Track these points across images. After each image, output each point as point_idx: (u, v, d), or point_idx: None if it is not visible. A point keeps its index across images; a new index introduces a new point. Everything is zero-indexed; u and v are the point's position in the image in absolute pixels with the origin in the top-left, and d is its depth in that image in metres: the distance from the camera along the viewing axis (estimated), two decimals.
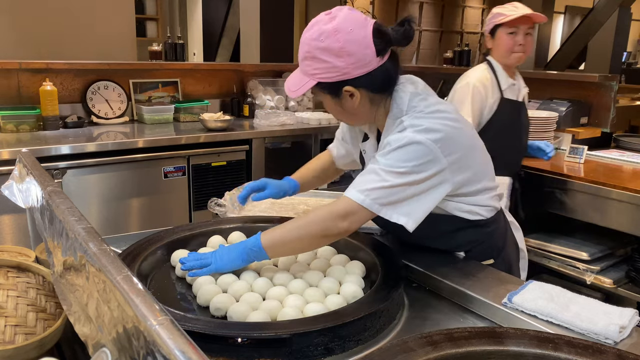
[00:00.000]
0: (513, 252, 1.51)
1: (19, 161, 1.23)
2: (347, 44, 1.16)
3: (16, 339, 0.93)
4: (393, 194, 1.17)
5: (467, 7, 8.38)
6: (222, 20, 6.79)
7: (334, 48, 1.16)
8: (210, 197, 1.75)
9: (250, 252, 1.19)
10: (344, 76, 1.19)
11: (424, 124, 1.18)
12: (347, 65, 1.17)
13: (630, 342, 0.99)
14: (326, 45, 1.16)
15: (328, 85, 1.22)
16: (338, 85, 1.21)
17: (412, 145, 1.17)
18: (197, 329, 0.93)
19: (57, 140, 2.64)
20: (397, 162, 1.17)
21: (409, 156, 1.16)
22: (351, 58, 1.16)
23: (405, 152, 1.17)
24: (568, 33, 8.52)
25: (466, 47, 4.22)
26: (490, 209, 1.38)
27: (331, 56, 1.17)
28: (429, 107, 1.23)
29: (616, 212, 2.28)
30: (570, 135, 2.95)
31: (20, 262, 1.07)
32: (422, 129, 1.18)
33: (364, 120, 1.33)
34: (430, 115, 1.21)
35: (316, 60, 1.19)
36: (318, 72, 1.20)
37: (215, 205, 1.68)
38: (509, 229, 1.51)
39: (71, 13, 3.80)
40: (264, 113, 3.34)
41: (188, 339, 0.50)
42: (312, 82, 1.22)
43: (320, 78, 1.21)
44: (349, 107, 1.25)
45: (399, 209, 1.18)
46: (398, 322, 1.11)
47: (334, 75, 1.19)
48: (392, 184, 1.16)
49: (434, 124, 1.19)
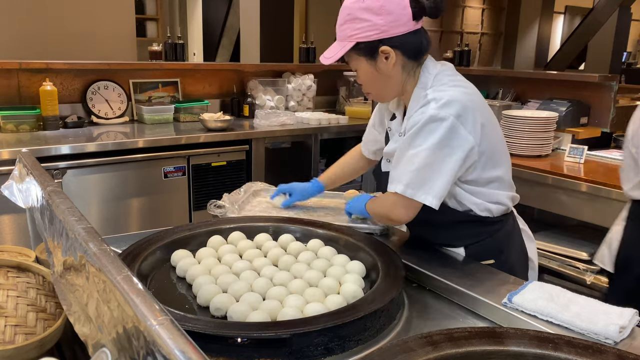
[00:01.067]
0: (519, 258, 1.49)
1: (19, 161, 1.23)
2: (387, 3, 1.25)
3: (16, 339, 0.93)
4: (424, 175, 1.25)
5: (467, 7, 8.37)
6: (222, 20, 6.80)
7: (374, 7, 1.25)
8: (210, 196, 1.75)
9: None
10: (383, 34, 1.27)
11: (444, 96, 1.25)
12: (386, 23, 1.25)
13: (630, 342, 0.99)
14: (367, 5, 1.25)
15: (366, 46, 1.29)
16: (376, 45, 1.29)
17: (435, 123, 1.24)
18: (197, 329, 0.93)
19: (57, 140, 2.64)
20: (422, 141, 1.25)
21: (430, 134, 1.24)
22: (390, 16, 1.25)
23: (428, 129, 1.24)
24: (568, 33, 8.52)
25: (466, 47, 4.21)
26: (501, 208, 1.40)
27: (371, 14, 1.25)
28: (453, 81, 1.31)
29: (616, 212, 2.27)
30: (570, 135, 2.95)
31: (20, 262, 1.07)
32: (443, 102, 1.24)
33: (394, 89, 1.38)
34: (452, 88, 1.28)
35: (356, 20, 1.27)
36: (358, 32, 1.27)
37: (215, 207, 1.68)
38: (518, 234, 1.50)
39: (71, 13, 3.80)
40: (264, 113, 3.34)
41: (188, 339, 0.50)
42: (349, 44, 1.29)
43: (359, 38, 1.28)
44: (384, 69, 1.32)
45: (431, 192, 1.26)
46: (398, 322, 1.11)
47: (373, 33, 1.27)
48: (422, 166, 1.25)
49: (454, 94, 1.26)
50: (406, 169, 1.27)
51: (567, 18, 10.35)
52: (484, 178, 1.34)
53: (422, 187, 1.26)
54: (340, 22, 1.32)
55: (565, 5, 10.15)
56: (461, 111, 1.24)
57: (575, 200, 2.42)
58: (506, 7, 8.63)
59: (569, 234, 2.66)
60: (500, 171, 1.37)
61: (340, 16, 1.31)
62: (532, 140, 2.75)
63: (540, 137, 2.76)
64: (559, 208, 2.49)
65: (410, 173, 1.26)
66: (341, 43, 1.32)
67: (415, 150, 1.26)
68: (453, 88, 1.28)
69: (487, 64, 8.65)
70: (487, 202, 1.36)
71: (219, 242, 1.38)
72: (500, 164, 1.37)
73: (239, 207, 1.73)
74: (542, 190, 2.53)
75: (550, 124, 2.79)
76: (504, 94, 3.55)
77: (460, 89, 1.29)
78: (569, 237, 2.62)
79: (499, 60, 8.75)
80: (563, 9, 10.14)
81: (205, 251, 1.33)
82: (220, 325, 0.99)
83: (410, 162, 1.26)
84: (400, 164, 1.30)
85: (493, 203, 1.37)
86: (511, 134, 2.78)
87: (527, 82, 3.48)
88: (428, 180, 1.25)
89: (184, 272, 1.24)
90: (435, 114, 1.24)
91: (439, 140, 1.24)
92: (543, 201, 2.55)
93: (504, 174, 1.39)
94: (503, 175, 1.38)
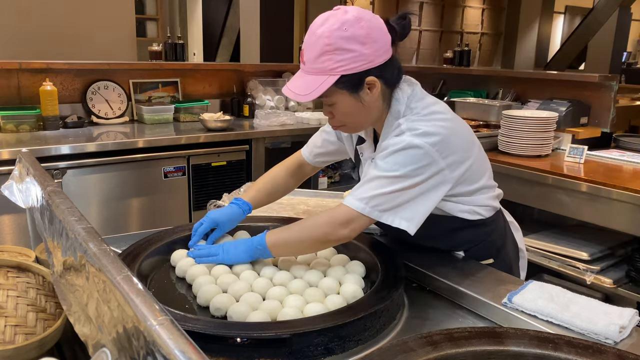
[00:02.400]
0: (512, 251, 1.51)
1: (19, 161, 1.23)
2: (371, 30, 1.16)
3: (16, 339, 0.93)
4: (393, 199, 1.17)
5: (467, 7, 8.37)
6: (222, 20, 6.80)
7: (359, 35, 1.14)
8: (210, 196, 1.75)
9: (256, 250, 1.22)
10: (369, 64, 1.17)
11: (421, 127, 1.19)
12: (372, 52, 1.16)
13: (630, 342, 0.99)
14: (350, 34, 1.14)
15: (349, 79, 1.17)
16: (361, 76, 1.18)
17: (411, 150, 1.17)
18: (197, 329, 0.93)
19: (57, 140, 2.64)
20: (395, 166, 1.17)
21: (407, 160, 1.17)
22: (376, 44, 1.16)
23: (403, 155, 1.17)
24: (568, 33, 8.53)
25: (466, 47, 4.22)
26: (490, 209, 1.38)
27: (357, 44, 1.14)
28: (425, 108, 1.24)
29: (616, 212, 2.28)
30: (570, 135, 2.94)
31: (20, 262, 1.07)
32: (420, 132, 1.18)
33: (370, 120, 1.29)
34: (426, 118, 1.22)
35: (339, 51, 1.14)
36: (342, 64, 1.15)
37: (215, 207, 1.68)
38: (508, 228, 1.51)
39: (71, 13, 3.81)
40: (264, 113, 3.34)
41: (188, 339, 0.50)
42: (332, 78, 1.16)
43: (345, 70, 1.16)
44: (368, 101, 1.22)
45: (400, 214, 1.19)
46: (398, 322, 1.11)
47: (360, 64, 1.16)
48: (391, 190, 1.17)
49: (430, 126, 1.19)
50: (371, 189, 1.17)
51: (567, 18, 10.35)
52: (469, 190, 1.31)
53: (389, 210, 1.18)
54: (315, 54, 1.16)
55: (565, 5, 10.15)
56: (438, 141, 1.18)
57: (575, 200, 2.42)
58: (506, 7, 8.64)
59: (569, 234, 2.65)
60: (484, 180, 1.34)
61: (314, 47, 1.16)
62: (532, 140, 2.75)
63: (540, 137, 2.76)
64: (559, 208, 2.49)
65: (377, 194, 1.17)
66: (319, 77, 1.17)
67: (385, 173, 1.17)
68: (427, 122, 1.20)
69: (487, 64, 8.65)
70: (475, 206, 1.35)
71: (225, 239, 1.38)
72: (482, 174, 1.34)
73: None
74: (542, 190, 2.53)
75: (550, 124, 2.79)
76: (504, 94, 3.55)
77: (434, 121, 1.20)
78: (569, 237, 2.62)
79: (499, 60, 8.76)
80: (563, 9, 10.14)
81: None
82: (220, 325, 0.99)
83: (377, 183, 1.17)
84: (364, 182, 1.20)
85: (481, 206, 1.36)
86: (511, 134, 2.78)
87: (527, 82, 3.48)
88: (397, 204, 1.18)
89: (183, 272, 1.24)
90: (411, 141, 1.17)
91: (412, 169, 1.16)
92: (543, 201, 2.55)
93: (486, 180, 1.36)
94: (486, 182, 1.36)
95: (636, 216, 2.20)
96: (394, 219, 1.18)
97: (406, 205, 1.19)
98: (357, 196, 1.19)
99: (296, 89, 1.20)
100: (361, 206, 1.17)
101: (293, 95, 1.20)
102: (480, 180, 1.33)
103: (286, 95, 1.23)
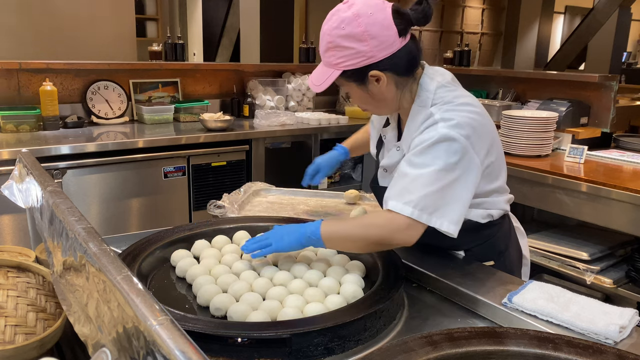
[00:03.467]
0: (515, 256, 1.50)
1: (19, 161, 1.23)
2: (369, 27, 1.16)
3: (16, 339, 0.93)
4: (439, 198, 1.16)
5: (467, 7, 8.37)
6: (222, 20, 6.79)
7: (356, 33, 1.17)
8: (210, 197, 1.75)
9: (309, 239, 1.22)
10: (369, 60, 1.19)
11: (455, 117, 1.19)
12: (372, 49, 1.18)
13: (630, 342, 0.99)
14: (348, 32, 1.17)
15: (353, 73, 1.22)
16: (364, 71, 1.21)
17: (446, 142, 1.17)
18: (197, 329, 0.93)
19: (57, 140, 2.64)
20: (434, 160, 1.16)
21: (444, 153, 1.16)
22: (374, 41, 1.17)
23: (440, 148, 1.17)
24: (568, 33, 8.53)
25: (466, 47, 4.21)
26: (500, 212, 1.39)
27: (354, 42, 1.17)
28: (457, 98, 1.24)
29: (616, 212, 2.28)
30: (570, 135, 2.95)
31: (20, 262, 1.07)
32: (454, 123, 1.18)
33: (390, 107, 1.32)
34: (459, 108, 1.21)
35: (339, 48, 1.19)
36: (342, 60, 1.20)
37: (215, 208, 1.68)
38: (513, 233, 1.50)
39: (71, 13, 3.81)
40: (264, 113, 3.34)
41: (188, 339, 0.50)
42: (337, 72, 1.22)
43: (346, 66, 1.20)
44: (376, 92, 1.25)
45: (447, 216, 1.17)
46: (398, 322, 1.11)
47: (359, 60, 1.19)
48: (436, 188, 1.15)
49: (464, 117, 1.19)
50: (415, 189, 1.16)
51: (567, 18, 10.35)
52: (486, 190, 1.32)
53: (435, 213, 1.17)
54: (322, 49, 1.23)
55: (565, 5, 10.16)
56: (471, 133, 1.18)
57: (575, 200, 2.42)
58: (506, 7, 8.63)
59: (569, 234, 2.66)
60: (500, 181, 1.35)
61: (321, 42, 1.23)
62: (532, 140, 2.75)
63: (540, 137, 2.76)
64: (559, 208, 2.49)
65: (422, 195, 1.15)
66: (328, 70, 1.23)
67: (424, 170, 1.16)
68: (459, 112, 1.20)
69: (487, 64, 8.65)
70: (488, 209, 1.35)
71: (224, 241, 1.38)
72: (500, 175, 1.35)
73: (238, 207, 1.73)
74: (542, 190, 2.53)
75: (550, 124, 2.79)
76: (504, 94, 3.55)
77: (466, 112, 1.20)
78: (569, 237, 2.62)
79: (499, 60, 8.75)
80: (563, 9, 10.14)
81: (206, 251, 1.33)
82: (220, 325, 0.99)
83: (420, 182, 1.16)
84: (405, 183, 1.18)
85: (494, 209, 1.37)
86: (511, 134, 2.78)
87: (527, 82, 3.48)
88: (441, 205, 1.17)
89: (184, 272, 1.24)
90: (447, 133, 1.16)
91: (452, 162, 1.16)
92: (543, 201, 2.55)
93: (502, 182, 1.37)
94: (502, 184, 1.37)
95: (636, 216, 2.20)
96: (442, 222, 1.18)
97: (451, 205, 1.18)
98: (403, 200, 1.17)
99: (313, 78, 1.27)
100: (409, 210, 1.16)
101: (310, 84, 1.27)
102: (497, 179, 1.33)
103: None
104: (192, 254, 1.32)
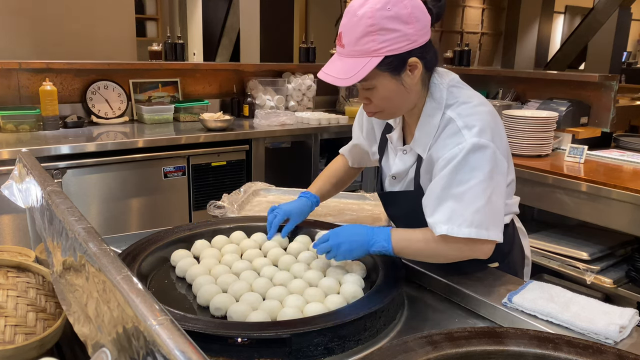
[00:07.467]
0: (519, 257, 1.49)
1: (19, 161, 1.23)
2: (414, 9, 1.13)
3: (16, 339, 0.93)
4: (489, 211, 1.15)
5: (467, 7, 8.37)
6: (222, 20, 6.79)
7: (403, 14, 1.11)
8: (210, 197, 1.75)
9: (379, 252, 1.22)
10: (413, 44, 1.14)
11: (476, 123, 1.16)
12: (416, 32, 1.14)
13: (630, 342, 0.99)
14: (394, 13, 1.11)
15: (393, 60, 1.14)
16: (404, 57, 1.15)
17: (479, 152, 1.14)
18: (197, 329, 0.93)
19: (57, 140, 2.63)
20: (472, 173, 1.14)
21: (479, 163, 1.14)
22: (418, 24, 1.14)
23: (474, 160, 1.14)
24: (568, 33, 8.52)
25: (466, 47, 4.21)
26: (510, 216, 1.38)
27: (401, 23, 1.11)
28: (471, 98, 1.22)
29: (616, 212, 2.28)
30: (570, 135, 2.94)
31: (20, 262, 1.07)
32: (478, 130, 1.15)
33: (408, 105, 1.25)
34: (476, 110, 1.19)
35: (383, 31, 1.11)
36: (385, 44, 1.12)
37: (215, 208, 1.68)
38: (517, 234, 1.50)
39: (71, 13, 3.80)
40: (264, 113, 3.34)
41: (188, 339, 0.50)
42: (376, 59, 1.13)
43: (389, 51, 1.13)
44: (410, 84, 1.19)
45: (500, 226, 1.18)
46: (398, 322, 1.11)
47: (404, 44, 1.13)
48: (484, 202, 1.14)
49: (484, 121, 1.17)
50: (466, 207, 1.13)
51: (567, 18, 10.34)
52: None
53: (491, 225, 1.15)
54: (357, 35, 1.12)
55: (565, 5, 10.15)
56: (494, 135, 1.17)
57: (575, 200, 2.42)
58: (506, 7, 8.63)
59: (569, 234, 2.65)
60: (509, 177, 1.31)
61: (355, 28, 1.12)
62: (532, 140, 2.75)
63: (540, 137, 2.76)
64: (559, 208, 2.49)
65: (474, 213, 1.13)
66: (361, 59, 1.13)
67: (467, 186, 1.13)
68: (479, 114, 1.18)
69: (487, 63, 8.64)
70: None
71: (223, 242, 1.38)
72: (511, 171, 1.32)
73: (238, 207, 1.73)
74: (542, 190, 2.53)
75: (550, 123, 2.79)
76: (504, 94, 3.55)
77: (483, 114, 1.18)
78: (569, 237, 2.62)
79: (499, 60, 8.75)
80: (563, 9, 10.14)
81: (206, 251, 1.33)
82: (220, 325, 0.99)
83: (467, 199, 1.13)
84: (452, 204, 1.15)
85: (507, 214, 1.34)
86: (511, 134, 2.78)
87: (527, 82, 3.48)
88: (492, 216, 1.16)
89: (183, 272, 1.24)
90: (477, 142, 1.13)
91: (489, 170, 1.14)
92: (543, 201, 2.55)
93: (513, 183, 1.35)
94: (513, 185, 1.35)
95: (636, 216, 2.20)
96: (498, 234, 1.17)
97: (499, 213, 1.18)
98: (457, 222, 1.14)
99: (336, 73, 1.16)
100: (466, 231, 1.13)
101: (332, 79, 1.16)
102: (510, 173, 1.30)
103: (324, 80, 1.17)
104: (192, 254, 1.32)
